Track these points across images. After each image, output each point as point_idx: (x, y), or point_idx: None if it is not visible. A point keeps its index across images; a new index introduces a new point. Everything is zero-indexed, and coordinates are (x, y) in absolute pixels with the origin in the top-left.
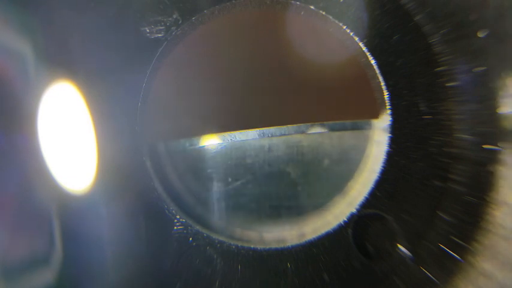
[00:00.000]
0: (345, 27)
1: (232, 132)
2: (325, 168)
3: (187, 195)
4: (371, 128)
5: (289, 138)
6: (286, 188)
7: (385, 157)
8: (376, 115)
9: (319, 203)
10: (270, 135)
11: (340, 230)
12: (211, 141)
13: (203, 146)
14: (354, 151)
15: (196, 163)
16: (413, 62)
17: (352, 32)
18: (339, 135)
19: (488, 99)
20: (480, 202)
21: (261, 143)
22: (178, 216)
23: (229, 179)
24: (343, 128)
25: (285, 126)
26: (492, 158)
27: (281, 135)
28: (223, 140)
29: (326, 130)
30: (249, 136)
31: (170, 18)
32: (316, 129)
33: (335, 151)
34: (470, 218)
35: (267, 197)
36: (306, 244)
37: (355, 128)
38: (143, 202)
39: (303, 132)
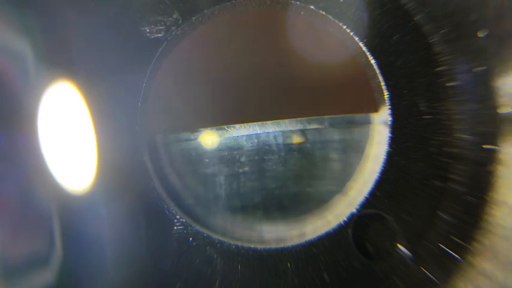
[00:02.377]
0: (345, 27)
1: (230, 125)
2: (325, 168)
3: (187, 195)
4: (371, 122)
5: (289, 135)
6: (287, 188)
7: (385, 157)
8: (375, 109)
9: (319, 203)
10: (268, 130)
11: (340, 230)
12: (209, 139)
13: (202, 145)
14: (354, 150)
15: (196, 163)
16: (413, 62)
17: (352, 32)
18: (338, 131)
19: (488, 99)
20: (480, 202)
21: (260, 141)
22: (178, 216)
23: (229, 179)
24: (343, 123)
25: (283, 121)
26: (492, 158)
27: (280, 130)
28: (221, 134)
29: (325, 125)
30: (247, 131)
31: (170, 18)
32: (315, 125)
33: (335, 150)
34: (470, 218)
35: (267, 197)
36: (306, 244)
37: (354, 122)
38: (143, 202)
39: (302, 127)
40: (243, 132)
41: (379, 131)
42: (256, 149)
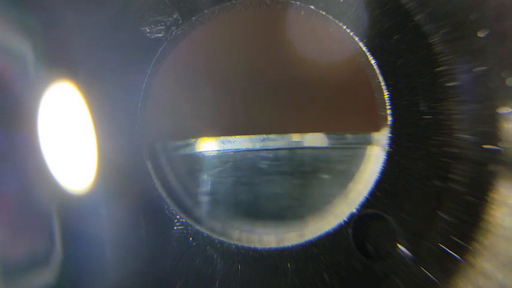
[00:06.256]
0: (345, 27)
1: (231, 136)
2: (325, 168)
3: (187, 195)
4: (371, 142)
5: (289, 148)
6: (286, 188)
7: (385, 157)
8: (376, 128)
9: (320, 203)
10: (268, 144)
11: (340, 230)
12: (210, 144)
13: (202, 149)
14: (354, 152)
15: (196, 164)
16: (413, 62)
17: (352, 32)
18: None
19: (488, 99)
20: (480, 202)
21: (259, 152)
22: (178, 216)
23: (229, 179)
24: (342, 142)
25: (284, 136)
26: (492, 158)
27: (279, 148)
28: (223, 144)
29: (325, 145)
30: (247, 143)
31: (170, 18)
32: (315, 142)
33: (335, 152)
34: (470, 218)
35: (267, 197)
36: (306, 244)
37: (354, 142)
38: (143, 202)
39: (301, 146)
40: (244, 145)
41: (376, 152)
42: (256, 158)
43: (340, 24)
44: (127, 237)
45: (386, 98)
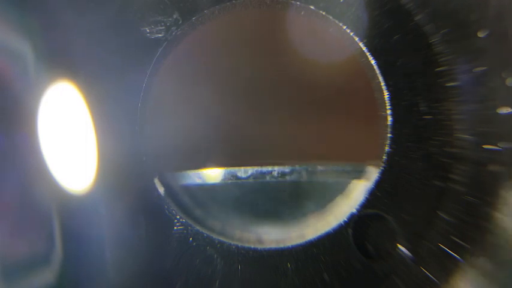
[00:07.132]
0: (345, 27)
1: (230, 168)
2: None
3: (187, 195)
4: (365, 174)
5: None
6: (287, 188)
7: (385, 157)
8: (372, 157)
9: (320, 204)
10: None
11: (340, 230)
12: (210, 172)
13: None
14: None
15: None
16: (413, 62)
17: (352, 32)
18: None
19: (488, 99)
20: (480, 202)
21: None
22: (178, 216)
23: (230, 180)
24: (340, 172)
25: (282, 167)
26: (492, 158)
27: (277, 178)
28: (224, 177)
29: (326, 176)
30: (247, 173)
31: (170, 18)
32: (317, 173)
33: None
34: (470, 218)
35: (267, 198)
36: (306, 244)
37: (351, 172)
38: (143, 202)
39: (301, 176)
40: (246, 174)
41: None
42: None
43: (340, 24)
44: (127, 237)
45: (386, 98)
